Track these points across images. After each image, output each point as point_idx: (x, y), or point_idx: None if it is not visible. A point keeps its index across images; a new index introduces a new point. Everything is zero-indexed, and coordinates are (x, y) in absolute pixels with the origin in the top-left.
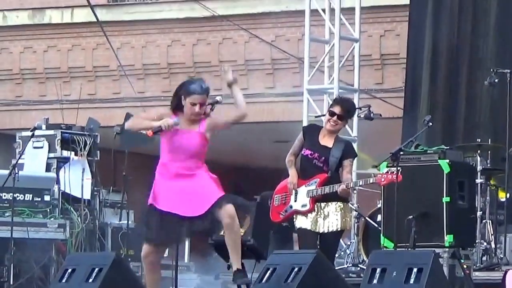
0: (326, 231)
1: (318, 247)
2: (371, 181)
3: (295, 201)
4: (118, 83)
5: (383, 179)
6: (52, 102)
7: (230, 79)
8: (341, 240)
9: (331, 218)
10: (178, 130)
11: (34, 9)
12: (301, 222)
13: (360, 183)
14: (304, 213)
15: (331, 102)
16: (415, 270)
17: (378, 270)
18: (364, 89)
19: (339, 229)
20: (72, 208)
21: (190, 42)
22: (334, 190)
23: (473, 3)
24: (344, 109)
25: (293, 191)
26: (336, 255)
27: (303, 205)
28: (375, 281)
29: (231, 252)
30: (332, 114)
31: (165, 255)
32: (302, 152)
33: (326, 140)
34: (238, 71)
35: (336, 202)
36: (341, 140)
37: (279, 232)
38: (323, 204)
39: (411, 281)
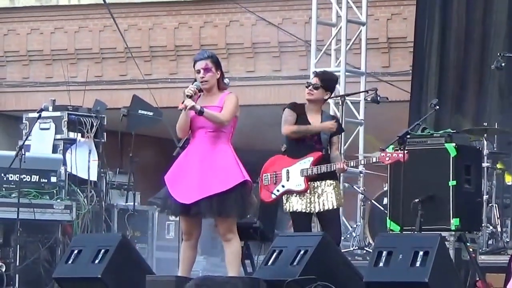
0: (322, 210)
1: (315, 228)
2: (374, 160)
3: (287, 180)
4: (125, 65)
5: (387, 158)
6: (59, 83)
7: (198, 109)
8: (347, 223)
9: (325, 196)
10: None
11: None
12: (292, 205)
13: (362, 162)
14: (299, 193)
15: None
16: (421, 253)
17: (384, 253)
18: (371, 73)
19: (335, 207)
20: (78, 190)
21: (197, 25)
22: (333, 169)
23: None
24: (320, 78)
25: (284, 170)
26: (342, 238)
27: (298, 185)
28: (381, 264)
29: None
30: (307, 85)
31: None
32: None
33: (314, 117)
34: (245, 54)
35: (328, 180)
36: (328, 115)
37: None
38: (316, 183)
39: (417, 264)
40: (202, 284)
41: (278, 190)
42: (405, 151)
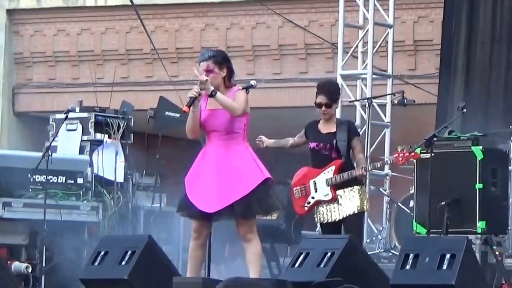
0: (345, 216)
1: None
2: (389, 162)
3: (316, 191)
4: (151, 67)
5: (400, 158)
6: (85, 85)
7: (211, 89)
8: (372, 226)
9: (347, 203)
10: (206, 108)
11: None
12: (320, 216)
13: (378, 166)
14: (328, 202)
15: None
16: (448, 256)
17: (411, 255)
18: (398, 75)
19: (356, 212)
20: (105, 191)
21: (224, 26)
22: (353, 176)
23: None
24: (328, 95)
25: (312, 182)
26: (368, 240)
27: (326, 195)
28: (407, 267)
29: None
30: (319, 105)
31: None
32: (309, 147)
33: (328, 127)
34: (272, 56)
35: (352, 187)
36: (342, 122)
37: None
38: (340, 191)
39: (444, 267)
40: (231, 285)
41: (309, 202)
42: (416, 150)
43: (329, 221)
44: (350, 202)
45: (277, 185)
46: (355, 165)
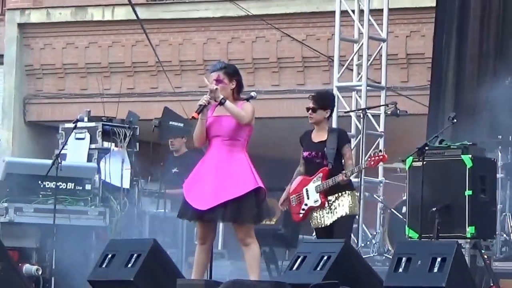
0: (335, 220)
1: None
2: (364, 166)
3: (308, 198)
4: (156, 78)
5: (372, 162)
6: (93, 95)
7: (221, 97)
8: (367, 230)
9: (336, 208)
10: (212, 115)
11: (77, 7)
12: (315, 223)
13: (356, 170)
14: (318, 208)
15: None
16: (439, 259)
17: (404, 259)
18: (391, 87)
19: (345, 215)
20: (112, 197)
21: (225, 40)
22: (337, 181)
23: (499, 6)
24: (315, 101)
25: (304, 190)
26: (362, 244)
27: (315, 201)
28: (400, 270)
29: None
30: (307, 109)
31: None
32: (303, 155)
33: (319, 135)
34: (271, 68)
35: (341, 193)
36: (333, 130)
37: None
38: (331, 198)
39: (435, 269)
40: (231, 287)
41: (303, 209)
42: (383, 152)
43: (322, 226)
44: (339, 206)
45: (277, 191)
46: None
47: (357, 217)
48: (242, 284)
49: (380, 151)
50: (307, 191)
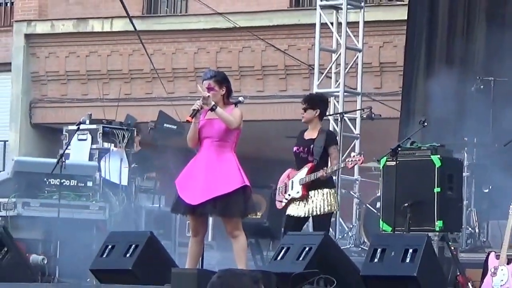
0: (312, 215)
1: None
2: (342, 166)
3: (292, 189)
4: (151, 84)
5: (350, 163)
6: (93, 100)
7: (212, 104)
8: (344, 224)
9: (315, 204)
10: (204, 119)
11: (78, 19)
12: (289, 210)
13: (334, 168)
14: (299, 199)
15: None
16: (410, 250)
17: (379, 250)
18: (366, 93)
19: (321, 213)
20: (111, 193)
21: (214, 50)
22: (318, 177)
23: (464, 19)
24: (305, 101)
25: (290, 181)
26: (340, 237)
27: (297, 192)
28: (376, 260)
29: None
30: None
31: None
32: (293, 150)
33: (310, 134)
34: (256, 76)
35: (321, 189)
36: (324, 131)
37: None
38: (312, 192)
39: (407, 260)
40: (223, 275)
41: (286, 199)
42: (361, 155)
43: (296, 215)
44: (318, 203)
45: (262, 188)
46: None
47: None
48: (235, 273)
49: (359, 154)
50: (292, 182)
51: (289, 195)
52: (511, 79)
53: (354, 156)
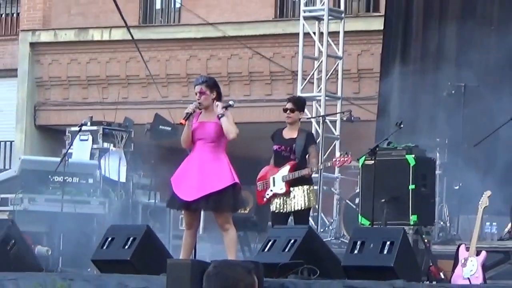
0: (294, 210)
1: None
2: (329, 165)
3: (274, 185)
4: (147, 89)
5: (337, 162)
6: (93, 103)
7: (220, 113)
8: (325, 218)
9: (296, 199)
10: (197, 121)
11: (79, 29)
12: (273, 207)
13: (321, 167)
14: (282, 195)
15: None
16: (388, 243)
17: (359, 242)
18: (345, 97)
19: (303, 208)
20: (110, 189)
21: (205, 57)
22: (302, 175)
23: (437, 29)
24: (294, 103)
25: (271, 178)
26: (321, 230)
27: (280, 188)
28: (356, 251)
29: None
30: (285, 110)
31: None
32: (273, 149)
33: (290, 133)
34: (243, 81)
35: (302, 186)
36: (303, 131)
37: None
38: (293, 188)
39: (385, 251)
40: (218, 266)
41: (268, 194)
42: (350, 155)
43: (281, 211)
44: (299, 198)
45: (250, 185)
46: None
47: (316, 206)
48: (229, 263)
49: (347, 153)
50: (273, 179)
51: (271, 190)
52: (481, 84)
53: (341, 155)
